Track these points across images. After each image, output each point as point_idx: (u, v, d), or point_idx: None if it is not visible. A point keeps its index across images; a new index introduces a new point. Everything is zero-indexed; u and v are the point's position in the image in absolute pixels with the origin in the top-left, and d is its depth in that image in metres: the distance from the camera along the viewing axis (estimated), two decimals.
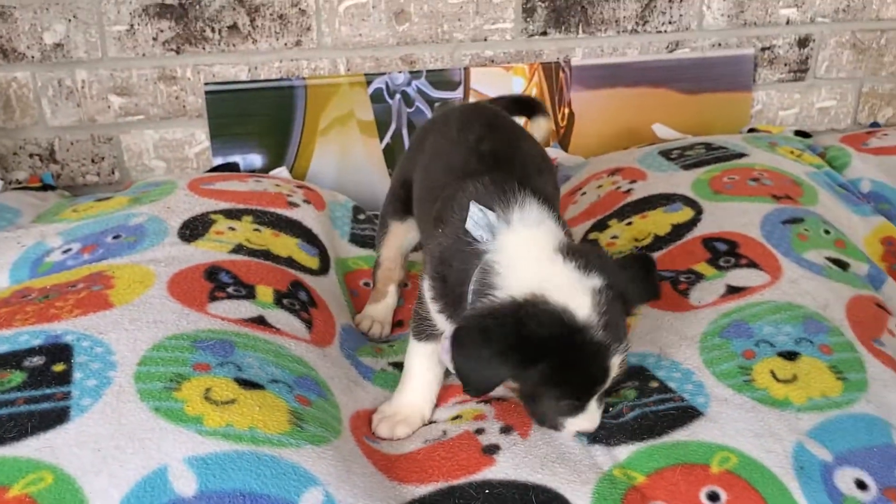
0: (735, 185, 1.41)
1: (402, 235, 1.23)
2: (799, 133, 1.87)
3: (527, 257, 0.90)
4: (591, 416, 0.93)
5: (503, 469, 0.92)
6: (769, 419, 0.98)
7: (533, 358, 0.85)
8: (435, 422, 1.03)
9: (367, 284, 1.29)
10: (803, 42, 1.92)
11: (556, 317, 0.85)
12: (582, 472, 0.92)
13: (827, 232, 1.30)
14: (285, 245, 1.20)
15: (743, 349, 1.06)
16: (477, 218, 0.92)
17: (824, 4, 1.89)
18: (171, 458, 0.80)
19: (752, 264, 1.20)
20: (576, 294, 0.87)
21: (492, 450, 0.94)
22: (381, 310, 1.23)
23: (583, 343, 0.86)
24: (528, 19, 1.77)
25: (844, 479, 0.92)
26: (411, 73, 1.74)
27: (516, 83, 1.79)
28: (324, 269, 1.23)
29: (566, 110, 1.84)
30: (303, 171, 1.73)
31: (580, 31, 1.81)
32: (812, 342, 1.07)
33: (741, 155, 1.54)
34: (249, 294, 1.04)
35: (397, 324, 1.24)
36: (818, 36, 1.92)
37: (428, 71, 1.74)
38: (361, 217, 1.43)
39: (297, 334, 1.02)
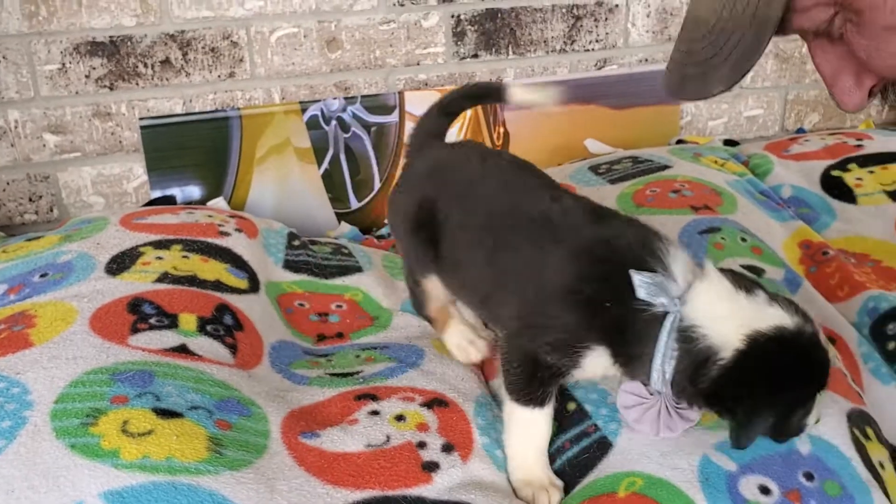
0: (656, 198, 1.45)
1: (435, 289, 1.15)
2: (728, 142, 1.93)
3: (720, 308, 0.91)
4: (818, 409, 0.95)
5: (437, 489, 0.93)
6: (678, 438, 1.01)
7: (784, 386, 0.90)
8: (378, 413, 1.03)
9: (301, 305, 1.31)
10: None
11: (796, 342, 0.89)
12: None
13: (744, 239, 1.34)
14: (213, 269, 1.22)
15: None
16: (646, 287, 0.90)
17: None
18: (87, 494, 0.80)
19: None
20: (781, 316, 0.90)
21: (431, 467, 0.96)
22: (452, 336, 1.16)
23: (808, 346, 0.91)
24: (459, 43, 1.81)
25: (748, 486, 0.95)
26: (346, 98, 1.76)
27: None
28: (253, 289, 1.25)
29: (501, 129, 1.87)
30: (241, 201, 1.75)
31: (510, 52, 1.85)
32: None
33: (665, 167, 1.59)
34: (172, 323, 1.05)
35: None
36: None
37: (363, 96, 1.77)
38: (296, 243, 1.45)
39: (220, 360, 1.04)
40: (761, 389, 0.89)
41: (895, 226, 1.45)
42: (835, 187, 1.56)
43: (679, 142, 1.92)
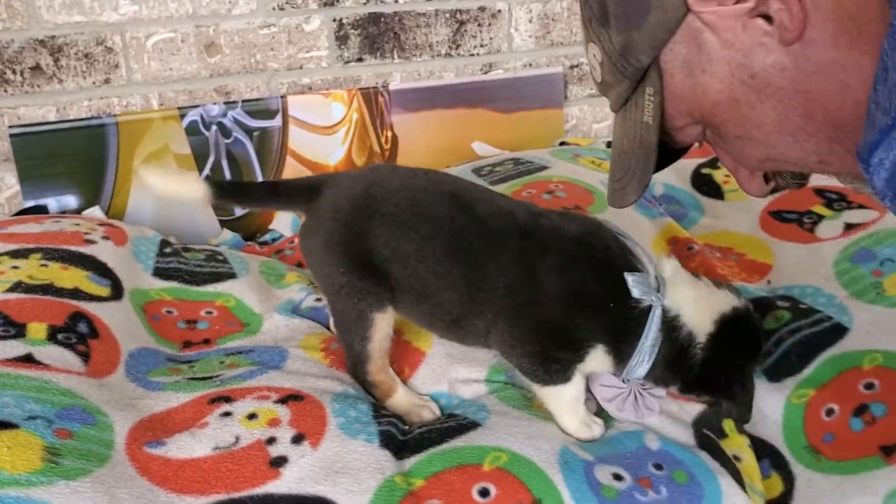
0: (531, 200, 1.48)
1: (387, 326, 1.12)
2: (611, 144, 1.97)
3: (692, 297, 1.04)
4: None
5: (287, 483, 0.93)
6: (541, 427, 1.06)
7: (746, 357, 1.07)
8: (230, 414, 1.02)
9: (169, 312, 1.29)
10: None
11: (749, 318, 1.06)
12: (363, 480, 0.94)
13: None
14: (72, 277, 1.19)
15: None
16: (639, 286, 1.01)
17: None
18: None
19: None
20: (731, 298, 1.06)
21: (279, 462, 0.95)
22: (404, 398, 1.13)
23: (758, 319, 1.08)
24: (343, 47, 1.81)
25: (603, 472, 0.99)
26: (227, 103, 1.74)
27: (336, 109, 1.83)
28: (116, 297, 1.22)
29: (389, 133, 1.88)
30: (121, 209, 1.71)
31: (395, 56, 1.86)
32: None
33: (544, 168, 1.61)
34: (19, 333, 1.02)
35: None
36: None
37: (244, 101, 1.76)
38: (168, 250, 1.43)
39: (69, 368, 1.01)
40: (742, 364, 1.05)
41: (759, 220, 1.50)
42: (705, 184, 1.62)
43: (562, 143, 1.95)
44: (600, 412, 1.12)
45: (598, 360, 1.05)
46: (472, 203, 1.07)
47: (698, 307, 1.03)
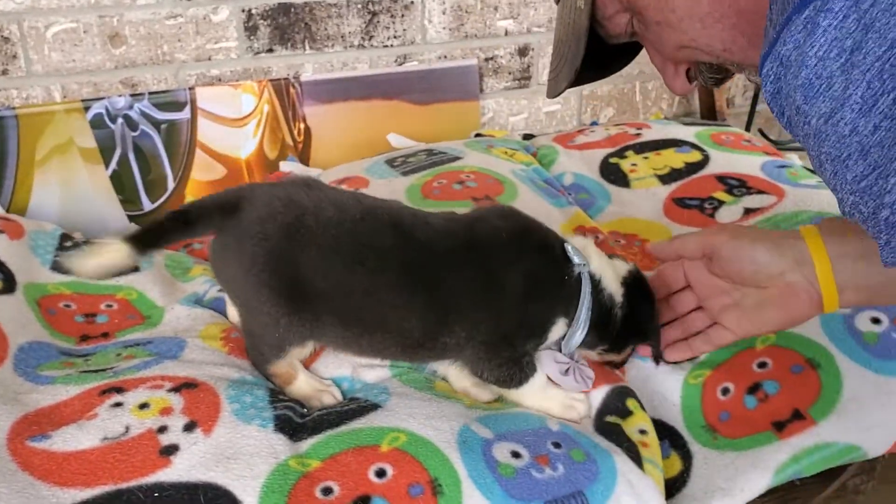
0: (442, 190, 1.48)
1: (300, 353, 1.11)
2: (527, 136, 1.99)
3: (604, 263, 1.12)
4: None
5: (177, 471, 0.92)
6: (442, 407, 1.06)
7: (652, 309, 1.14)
8: (121, 404, 1.00)
9: (67, 306, 1.26)
10: (523, 51, 2.04)
11: (640, 275, 1.16)
12: (255, 465, 0.93)
13: None
14: None
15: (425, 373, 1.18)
16: (576, 252, 1.09)
17: (538, 15, 2.02)
18: None
19: None
20: (622, 262, 1.16)
21: (170, 450, 0.94)
22: (306, 383, 1.11)
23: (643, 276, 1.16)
24: (252, 37, 1.79)
25: (501, 450, 1.00)
26: (133, 96, 1.71)
27: (246, 101, 1.81)
28: (7, 290, 1.19)
29: (301, 125, 1.86)
30: (23, 205, 1.66)
31: (307, 47, 1.85)
32: None
33: (456, 158, 1.62)
34: None
35: None
36: (536, 45, 2.05)
37: (151, 93, 1.72)
38: (68, 244, 1.39)
39: None
40: (650, 312, 1.13)
41: (663, 207, 1.53)
42: (612, 173, 1.64)
43: (478, 135, 1.96)
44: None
45: (557, 332, 1.11)
46: (411, 229, 1.04)
47: (609, 272, 1.11)
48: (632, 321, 1.13)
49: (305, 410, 1.07)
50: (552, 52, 1.01)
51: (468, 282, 1.04)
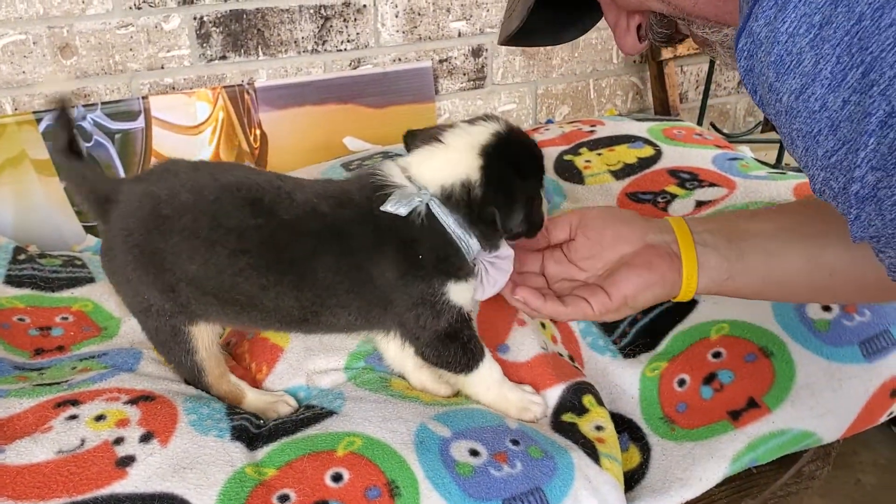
0: None
1: (210, 334, 1.08)
2: None
3: (443, 156, 1.00)
4: (545, 200, 1.07)
5: (134, 482, 0.91)
6: (399, 408, 1.07)
7: (521, 172, 1.01)
8: (76, 417, 0.99)
9: (21, 319, 1.24)
10: (477, 52, 2.05)
11: (514, 139, 1.02)
12: (212, 474, 0.93)
13: None
14: None
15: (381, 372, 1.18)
16: (398, 202, 0.97)
17: (490, 16, 2.03)
18: None
19: None
20: (491, 127, 1.02)
21: (126, 462, 0.93)
22: (257, 399, 1.11)
23: (520, 137, 1.04)
24: (205, 45, 1.78)
25: (459, 449, 1.01)
26: (85, 106, 1.69)
27: (201, 108, 1.80)
28: None
29: (257, 131, 1.86)
30: None
31: (260, 53, 1.85)
32: None
33: None
34: None
35: None
36: (489, 46, 2.06)
37: (103, 103, 1.71)
38: (21, 257, 1.38)
39: None
40: (513, 182, 1.00)
41: (617, 201, 1.55)
42: (567, 170, 1.66)
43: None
44: None
45: (461, 292, 1.03)
46: (273, 208, 0.99)
47: (453, 159, 0.99)
48: (496, 193, 0.99)
49: (262, 421, 1.07)
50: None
51: (334, 267, 1.00)
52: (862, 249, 0.94)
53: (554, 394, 1.15)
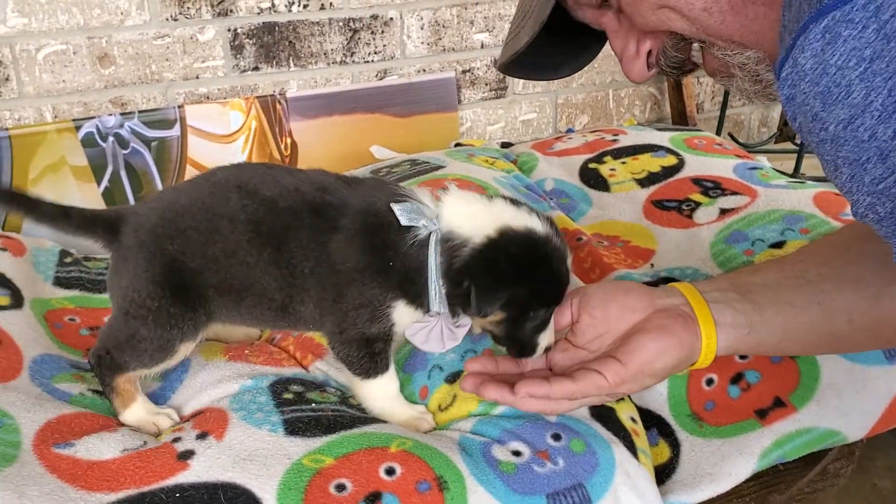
0: None
1: (183, 356, 1.11)
2: (505, 144, 2.06)
3: (475, 210, 1.01)
4: (552, 330, 1.03)
5: (196, 472, 0.96)
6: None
7: (523, 275, 0.98)
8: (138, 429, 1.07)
9: (72, 320, 1.29)
10: None
11: (527, 237, 0.99)
12: (271, 465, 0.98)
13: None
14: None
15: (419, 387, 1.20)
16: (405, 212, 0.99)
17: None
18: None
19: None
20: (528, 218, 1.00)
21: (186, 455, 0.98)
22: (140, 410, 1.10)
23: (552, 252, 1.00)
24: (238, 56, 1.84)
25: (502, 451, 1.04)
26: (122, 114, 1.74)
27: (234, 117, 1.85)
28: (16, 305, 1.22)
29: (288, 140, 1.91)
30: (17, 224, 1.68)
31: (292, 64, 1.90)
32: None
33: (439, 167, 1.68)
34: None
35: None
36: None
37: (140, 111, 1.76)
38: (68, 260, 1.43)
39: None
40: (506, 268, 0.98)
41: (643, 209, 1.60)
42: (592, 178, 1.71)
43: (457, 145, 2.02)
44: None
45: (405, 314, 1.05)
46: (257, 188, 1.05)
47: (473, 219, 1.00)
48: (481, 262, 0.99)
49: (314, 405, 1.10)
50: (516, 12, 0.96)
51: (305, 247, 1.03)
52: (876, 294, 0.96)
53: None
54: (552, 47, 0.98)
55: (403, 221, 0.99)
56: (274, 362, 1.19)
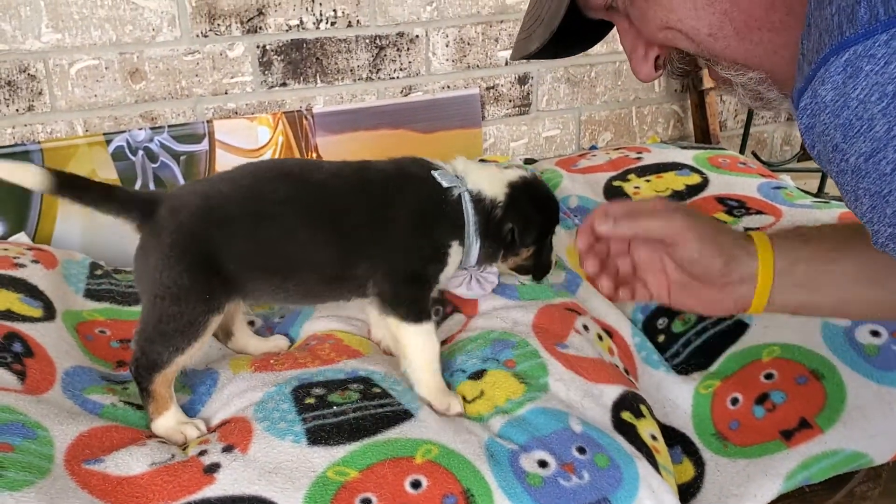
0: None
1: (211, 332, 1.15)
2: (528, 161, 2.07)
3: (489, 173, 1.26)
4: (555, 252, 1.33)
5: (222, 486, 0.97)
6: (466, 423, 1.12)
7: (541, 211, 1.27)
8: (165, 442, 1.08)
9: (102, 332, 1.31)
10: (523, 80, 2.12)
11: (532, 184, 1.28)
12: (297, 478, 0.99)
13: None
14: (4, 299, 1.21)
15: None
16: (445, 177, 1.21)
17: None
18: None
19: (456, 309, 1.38)
20: (523, 173, 1.29)
21: (212, 469, 0.99)
22: (171, 419, 1.12)
23: (548, 191, 1.31)
24: (266, 72, 1.86)
25: (529, 461, 1.05)
26: (152, 129, 1.77)
27: (262, 132, 1.87)
28: (48, 317, 1.24)
29: (313, 155, 1.93)
30: (47, 235, 1.71)
31: (318, 80, 1.92)
32: (498, 360, 1.22)
33: None
34: None
35: None
36: (535, 73, 2.13)
37: (170, 126, 1.79)
38: (98, 272, 1.45)
39: (7, 386, 1.03)
40: (529, 210, 1.25)
41: None
42: (616, 195, 1.71)
43: (481, 161, 2.03)
44: None
45: (455, 256, 1.22)
46: (304, 175, 1.19)
47: (492, 182, 1.24)
48: (511, 223, 1.23)
49: (335, 407, 1.09)
50: (525, 14, 0.98)
51: (361, 216, 1.17)
52: None
53: (614, 391, 1.20)
54: (563, 37, 0.97)
55: (445, 184, 1.20)
56: (298, 365, 1.20)
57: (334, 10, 1.87)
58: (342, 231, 1.16)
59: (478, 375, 1.19)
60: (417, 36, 1.97)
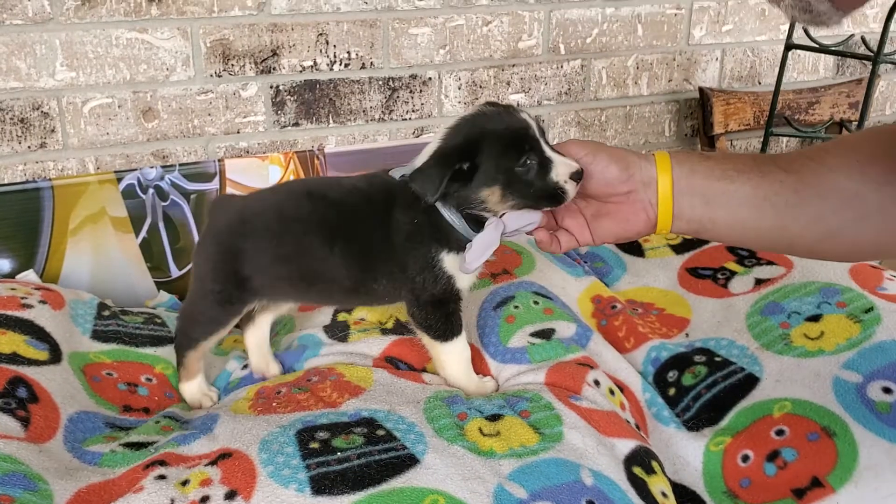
0: None
1: (231, 326, 1.32)
2: None
3: (430, 146, 1.21)
4: (566, 163, 1.12)
5: None
6: (475, 465, 1.08)
7: (486, 137, 1.13)
8: (165, 477, 1.05)
9: (109, 374, 1.30)
10: None
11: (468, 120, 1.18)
12: None
13: (536, 302, 1.44)
14: (10, 342, 1.21)
15: (457, 413, 1.19)
16: (399, 171, 1.22)
17: (548, 89, 2.11)
18: None
19: None
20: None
21: None
22: (194, 387, 1.33)
23: (490, 112, 1.16)
24: (279, 112, 1.87)
25: None
26: (164, 167, 1.77)
27: (273, 172, 1.87)
28: (54, 360, 1.24)
29: None
30: (55, 273, 1.71)
31: (331, 121, 1.93)
32: (513, 409, 1.20)
33: None
34: None
35: None
36: (547, 117, 2.13)
37: (181, 164, 1.79)
38: (106, 313, 1.44)
39: (10, 434, 1.02)
40: (474, 143, 1.13)
41: (677, 276, 1.59)
42: (626, 243, 1.70)
43: None
44: None
45: (453, 261, 1.20)
46: (324, 192, 1.24)
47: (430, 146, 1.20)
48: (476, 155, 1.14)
49: (339, 454, 1.08)
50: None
51: (370, 233, 1.21)
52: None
53: (627, 445, 1.18)
54: None
55: (398, 177, 1.19)
56: (301, 408, 1.19)
57: (348, 52, 1.88)
58: (352, 249, 1.21)
59: (494, 418, 1.18)
60: (430, 78, 1.98)
